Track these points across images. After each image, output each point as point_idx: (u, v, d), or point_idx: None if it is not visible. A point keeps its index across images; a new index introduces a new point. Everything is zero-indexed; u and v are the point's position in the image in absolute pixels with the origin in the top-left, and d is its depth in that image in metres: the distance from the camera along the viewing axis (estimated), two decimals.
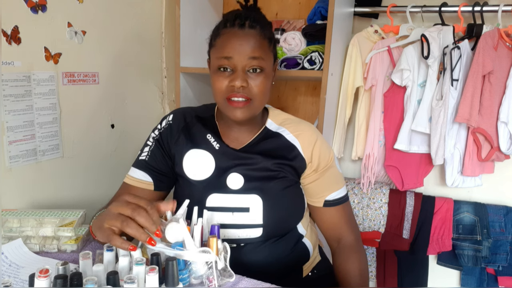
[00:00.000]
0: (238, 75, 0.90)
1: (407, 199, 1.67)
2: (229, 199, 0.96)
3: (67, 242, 0.95)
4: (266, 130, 1.02)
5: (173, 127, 1.03)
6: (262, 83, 0.92)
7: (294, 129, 1.01)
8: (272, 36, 0.97)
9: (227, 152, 0.99)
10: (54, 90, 1.22)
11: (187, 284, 0.76)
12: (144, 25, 1.60)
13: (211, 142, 1.01)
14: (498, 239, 1.58)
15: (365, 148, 1.63)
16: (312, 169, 1.00)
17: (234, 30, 0.91)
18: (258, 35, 0.91)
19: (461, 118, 1.42)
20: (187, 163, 1.00)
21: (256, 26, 0.91)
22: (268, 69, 0.94)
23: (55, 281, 0.64)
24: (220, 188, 0.97)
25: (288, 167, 0.98)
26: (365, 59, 1.59)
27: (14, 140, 1.12)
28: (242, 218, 0.96)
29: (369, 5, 1.63)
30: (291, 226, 1.02)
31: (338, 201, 1.02)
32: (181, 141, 1.01)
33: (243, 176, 0.97)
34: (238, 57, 0.90)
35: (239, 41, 0.90)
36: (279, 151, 0.99)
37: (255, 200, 0.96)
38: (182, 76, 1.63)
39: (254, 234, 0.96)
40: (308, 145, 0.99)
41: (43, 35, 1.17)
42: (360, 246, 1.05)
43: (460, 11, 1.45)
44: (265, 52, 0.93)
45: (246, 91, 0.91)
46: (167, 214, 0.83)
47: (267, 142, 1.00)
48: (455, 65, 1.41)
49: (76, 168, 1.33)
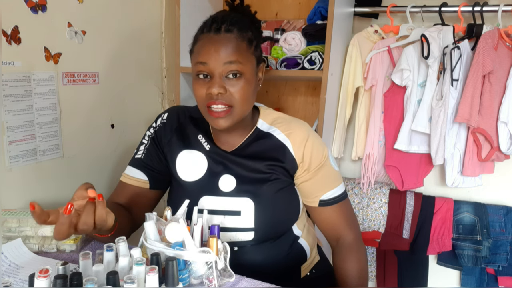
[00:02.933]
0: (215, 82, 0.87)
1: (407, 199, 1.67)
2: (221, 202, 0.96)
3: (66, 242, 0.95)
4: (258, 131, 1.00)
5: (166, 127, 1.02)
6: (242, 89, 0.88)
7: (285, 128, 0.99)
8: (254, 38, 0.93)
9: (219, 154, 0.98)
10: (54, 90, 1.22)
11: (187, 284, 0.76)
12: (144, 25, 1.60)
13: (202, 143, 1.00)
14: (498, 239, 1.58)
15: (365, 148, 1.63)
16: (304, 169, 0.97)
17: (210, 35, 0.89)
18: (235, 38, 0.88)
19: (461, 118, 1.42)
20: (180, 164, 1.00)
21: (233, 30, 0.88)
22: (249, 73, 0.90)
23: (55, 281, 0.64)
24: (212, 190, 0.96)
25: (280, 168, 0.97)
26: (365, 59, 1.59)
27: (14, 140, 1.12)
28: (233, 221, 0.95)
29: (369, 5, 1.63)
30: (284, 229, 1.01)
31: (334, 200, 0.99)
32: (174, 142, 1.01)
33: (235, 178, 0.96)
34: (214, 63, 0.87)
35: (214, 46, 0.87)
36: (270, 153, 0.97)
37: (247, 204, 0.95)
38: (182, 76, 1.63)
39: (246, 237, 0.95)
40: (299, 144, 0.96)
41: (43, 35, 1.17)
42: (360, 245, 1.03)
43: (460, 11, 1.45)
44: (243, 55, 0.89)
45: (225, 98, 0.88)
46: (167, 214, 0.83)
47: (258, 143, 0.99)
48: (455, 65, 1.41)
49: (76, 168, 1.33)
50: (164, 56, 1.73)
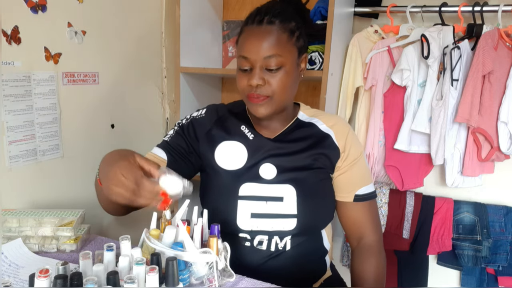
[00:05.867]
0: (255, 74, 0.90)
1: (407, 199, 1.67)
2: (263, 188, 0.96)
3: (66, 242, 0.95)
4: (298, 120, 1.03)
5: (205, 120, 1.04)
6: (281, 80, 0.91)
7: (327, 120, 1.03)
8: (296, 28, 0.94)
9: (261, 142, 1.00)
10: (54, 90, 1.22)
11: (187, 284, 0.76)
12: (144, 25, 1.60)
13: (245, 133, 1.02)
14: (498, 239, 1.58)
15: (365, 148, 1.63)
16: (345, 159, 0.99)
17: (253, 28, 0.91)
18: (276, 31, 0.90)
19: (461, 118, 1.42)
20: (219, 154, 1.01)
21: (275, 21, 0.90)
22: (289, 64, 0.92)
23: (55, 281, 0.64)
24: (253, 178, 0.97)
25: (323, 156, 0.98)
26: (365, 59, 1.59)
27: (14, 140, 1.12)
28: (276, 207, 0.95)
29: (369, 5, 1.63)
30: (323, 222, 1.01)
31: (367, 196, 1.01)
32: (214, 133, 1.02)
33: (275, 167, 0.97)
34: (254, 57, 0.90)
35: (256, 40, 0.90)
36: (313, 139, 0.99)
37: (289, 190, 0.95)
38: (182, 76, 1.63)
39: (288, 226, 0.95)
40: (341, 135, 1.00)
41: (43, 35, 1.17)
42: (381, 249, 1.03)
43: (460, 11, 1.45)
44: (284, 48, 0.91)
45: (263, 89, 0.91)
46: (166, 214, 0.83)
47: (300, 131, 1.01)
48: (455, 65, 1.41)
49: (76, 168, 1.33)
50: (164, 56, 1.73)
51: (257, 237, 0.96)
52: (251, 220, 0.95)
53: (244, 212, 0.95)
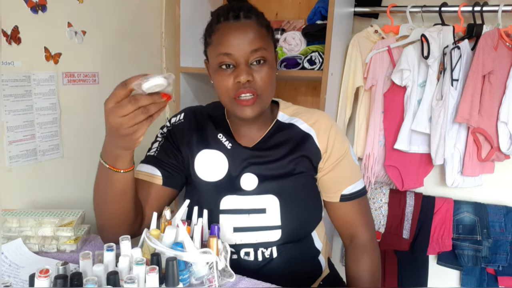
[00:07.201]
0: (242, 70, 0.85)
1: (407, 199, 1.67)
2: (244, 200, 0.92)
3: (66, 242, 0.95)
4: (278, 123, 0.99)
5: (185, 126, 0.99)
6: (267, 74, 0.88)
7: (308, 118, 0.98)
8: (269, 24, 0.92)
9: (240, 151, 0.96)
10: (54, 90, 1.22)
11: (187, 284, 0.76)
12: (144, 25, 1.60)
13: (223, 142, 0.97)
14: (498, 239, 1.58)
15: (365, 148, 1.63)
16: (327, 160, 0.95)
17: (230, 23, 0.86)
18: (255, 25, 0.87)
19: (461, 118, 1.42)
20: (199, 164, 0.96)
21: (251, 16, 0.87)
22: (271, 59, 0.90)
23: (55, 281, 0.64)
24: (233, 190, 0.93)
25: (304, 160, 0.94)
26: (365, 59, 1.59)
27: (14, 140, 1.12)
28: (259, 220, 0.91)
29: (369, 5, 1.63)
30: (310, 227, 0.98)
31: (355, 194, 0.97)
32: (193, 141, 0.98)
33: (257, 176, 0.93)
34: (239, 51, 0.85)
35: (237, 34, 0.85)
36: (293, 142, 0.95)
37: (272, 201, 0.92)
38: (182, 76, 1.63)
39: (273, 237, 0.92)
40: (323, 133, 0.95)
41: (43, 35, 1.17)
42: (374, 246, 1.00)
43: (460, 11, 1.45)
44: (266, 41, 0.88)
45: (252, 85, 0.86)
46: (166, 214, 0.83)
47: (280, 134, 0.97)
48: (455, 65, 1.41)
49: (76, 168, 1.33)
50: (164, 56, 1.73)
51: (243, 250, 0.93)
52: (234, 234, 0.92)
53: (227, 226, 0.91)
